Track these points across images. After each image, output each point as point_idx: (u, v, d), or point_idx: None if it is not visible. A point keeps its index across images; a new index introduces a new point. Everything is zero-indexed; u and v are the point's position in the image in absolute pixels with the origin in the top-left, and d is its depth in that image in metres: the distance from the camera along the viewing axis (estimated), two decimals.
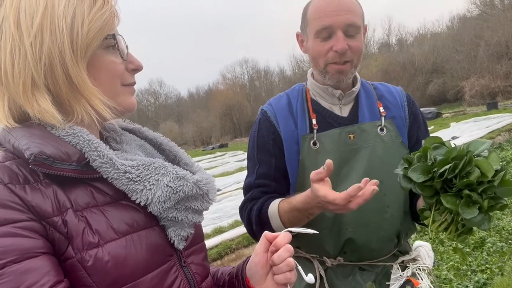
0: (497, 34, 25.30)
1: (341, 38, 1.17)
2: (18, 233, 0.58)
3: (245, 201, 1.33)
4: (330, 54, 1.20)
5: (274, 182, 1.29)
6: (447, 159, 0.92)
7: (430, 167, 0.94)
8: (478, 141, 0.98)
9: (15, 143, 0.64)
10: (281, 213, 1.19)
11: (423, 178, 0.93)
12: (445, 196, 0.91)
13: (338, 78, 1.24)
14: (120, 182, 0.68)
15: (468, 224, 0.90)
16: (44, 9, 0.64)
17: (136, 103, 0.79)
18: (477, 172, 0.89)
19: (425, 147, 0.98)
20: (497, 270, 3.30)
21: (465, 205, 0.89)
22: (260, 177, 1.30)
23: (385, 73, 30.25)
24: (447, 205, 0.89)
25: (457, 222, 0.92)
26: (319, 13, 1.19)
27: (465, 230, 0.93)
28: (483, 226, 0.89)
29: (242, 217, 1.34)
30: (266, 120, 1.32)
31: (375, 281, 1.25)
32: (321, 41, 1.21)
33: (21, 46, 0.64)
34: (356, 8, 1.21)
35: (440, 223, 0.94)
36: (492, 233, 4.04)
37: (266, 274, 0.83)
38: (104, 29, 0.69)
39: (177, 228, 0.74)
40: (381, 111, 1.29)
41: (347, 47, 1.18)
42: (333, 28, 1.18)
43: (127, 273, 0.64)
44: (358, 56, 1.23)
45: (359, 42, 1.21)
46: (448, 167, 0.90)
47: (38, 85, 0.65)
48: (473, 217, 0.87)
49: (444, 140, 1.01)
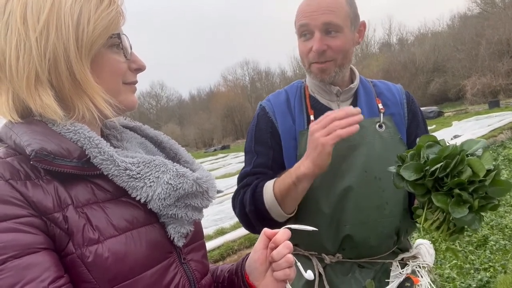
0: (498, 32, 25.21)
1: (317, 38, 1.19)
2: (19, 228, 0.58)
3: (238, 189, 1.32)
4: (310, 54, 1.23)
5: (270, 171, 1.28)
6: (439, 158, 0.92)
7: (422, 165, 0.94)
8: (472, 140, 0.98)
9: (17, 140, 0.65)
10: (275, 184, 1.19)
11: (415, 177, 0.93)
12: (436, 194, 0.91)
13: (321, 77, 1.25)
14: (120, 179, 0.69)
15: (458, 223, 0.90)
16: (51, 6, 0.65)
17: (137, 102, 0.80)
18: (469, 171, 0.89)
19: (419, 145, 0.98)
20: (500, 268, 3.29)
21: (455, 204, 0.88)
22: (257, 166, 1.30)
23: (386, 73, 30.18)
24: (437, 203, 0.89)
25: (448, 221, 0.91)
26: (300, 14, 1.23)
27: (457, 230, 0.93)
28: (474, 226, 0.89)
29: (235, 205, 1.32)
30: (265, 115, 1.33)
31: (374, 279, 1.25)
32: (303, 41, 1.24)
33: (27, 41, 0.64)
34: (338, 6, 1.20)
35: (432, 222, 0.94)
36: (495, 231, 4.03)
37: (265, 271, 0.83)
38: (110, 28, 0.70)
39: (177, 225, 0.75)
40: (380, 108, 1.30)
41: (324, 47, 1.19)
42: (311, 28, 1.20)
43: (127, 270, 0.65)
44: (342, 54, 1.23)
45: (340, 41, 1.21)
46: (440, 166, 0.90)
47: (42, 80, 0.66)
48: (463, 217, 0.87)
49: (439, 139, 1.00)
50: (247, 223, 1.29)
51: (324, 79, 1.25)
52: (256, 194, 1.22)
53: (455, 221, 0.90)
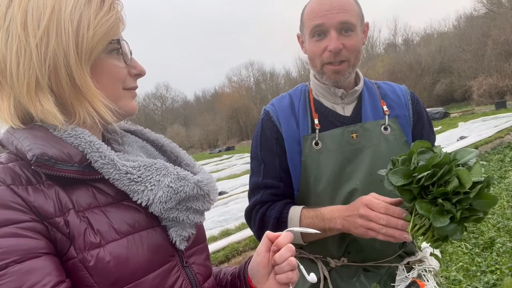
0: (505, 33, 25.01)
1: (334, 37, 1.17)
2: (20, 233, 0.58)
3: (254, 203, 1.30)
4: (325, 54, 1.20)
5: (282, 183, 1.28)
6: (428, 166, 0.91)
7: (411, 171, 0.93)
8: (466, 150, 0.97)
9: (18, 145, 0.65)
10: (302, 218, 1.19)
11: (402, 182, 0.93)
12: (420, 202, 0.90)
13: (335, 79, 1.23)
14: (121, 182, 0.69)
15: (439, 232, 0.90)
16: (51, 12, 0.65)
17: (137, 107, 0.80)
18: (456, 182, 0.88)
19: (411, 151, 0.98)
20: (507, 270, 3.25)
21: (437, 213, 0.88)
22: (267, 176, 1.29)
23: (391, 74, 30.06)
24: (420, 211, 0.89)
25: (433, 229, 0.91)
26: (313, 14, 1.20)
27: (441, 238, 0.92)
28: (455, 236, 0.88)
29: (252, 219, 1.30)
30: (269, 120, 1.32)
31: (379, 283, 1.24)
32: (316, 41, 1.22)
33: (27, 47, 0.65)
34: (351, 6, 1.20)
35: (418, 228, 0.94)
36: (502, 233, 3.99)
37: (268, 274, 0.83)
38: (109, 34, 0.70)
39: (179, 229, 0.75)
40: (385, 110, 1.28)
41: (341, 46, 1.18)
42: (326, 27, 1.18)
43: (129, 273, 0.65)
44: (355, 54, 1.22)
45: (354, 40, 1.20)
46: (426, 174, 0.89)
47: (42, 86, 0.66)
48: (444, 226, 0.87)
49: (436, 146, 1.00)
50: None
51: (339, 80, 1.24)
52: (279, 223, 1.22)
53: (436, 230, 0.90)
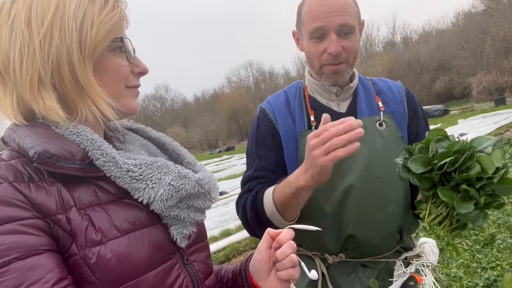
0: (504, 29, 25.00)
1: (334, 40, 1.17)
2: (23, 230, 0.59)
3: (241, 194, 1.31)
4: (324, 56, 1.20)
5: (273, 175, 1.27)
6: (449, 152, 0.91)
7: (430, 159, 0.93)
8: (483, 137, 0.97)
9: (20, 142, 0.65)
10: (275, 192, 1.17)
11: (422, 170, 0.93)
12: (442, 189, 0.90)
13: (334, 79, 1.24)
14: (122, 180, 0.69)
15: (463, 219, 0.89)
16: (55, 9, 0.66)
17: (138, 106, 0.80)
18: (478, 167, 0.88)
19: (428, 139, 0.98)
20: (507, 266, 3.26)
21: (461, 200, 0.88)
22: (258, 169, 1.29)
23: (390, 72, 30.01)
24: (443, 198, 0.88)
25: (451, 217, 0.91)
26: (313, 15, 1.18)
27: (459, 226, 0.92)
28: (478, 223, 0.88)
29: (238, 210, 1.31)
30: (265, 117, 1.32)
31: (378, 278, 1.24)
32: (315, 42, 1.21)
33: (30, 43, 0.65)
34: (350, 7, 1.19)
35: (435, 217, 0.93)
36: (502, 230, 3.99)
37: (269, 271, 0.83)
38: (113, 32, 0.70)
39: (180, 227, 0.75)
40: (380, 106, 1.29)
41: (341, 49, 1.18)
42: (326, 29, 1.17)
43: (130, 271, 0.65)
44: (354, 55, 1.23)
45: (353, 42, 1.20)
46: (449, 160, 0.89)
47: (45, 82, 0.66)
48: (468, 213, 0.87)
49: (448, 134, 1.00)
50: (249, 228, 1.28)
51: (338, 80, 1.24)
52: (256, 201, 1.21)
53: (459, 216, 0.89)
